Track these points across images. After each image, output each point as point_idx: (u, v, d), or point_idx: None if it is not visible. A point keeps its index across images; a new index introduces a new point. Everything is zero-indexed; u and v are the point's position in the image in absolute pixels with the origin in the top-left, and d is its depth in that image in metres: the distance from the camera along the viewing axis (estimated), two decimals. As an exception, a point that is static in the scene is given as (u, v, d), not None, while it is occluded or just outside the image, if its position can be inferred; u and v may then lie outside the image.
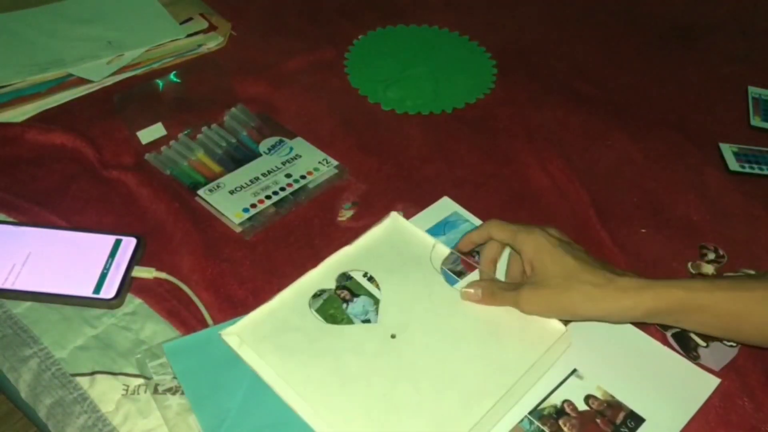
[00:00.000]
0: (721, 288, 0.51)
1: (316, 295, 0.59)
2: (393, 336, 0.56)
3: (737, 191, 0.76)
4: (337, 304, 0.59)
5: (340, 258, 0.62)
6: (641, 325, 0.60)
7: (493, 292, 0.57)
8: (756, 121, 0.86)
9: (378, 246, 0.63)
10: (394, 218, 0.66)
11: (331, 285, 0.60)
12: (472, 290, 0.58)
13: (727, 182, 0.77)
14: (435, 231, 0.67)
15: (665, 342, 0.60)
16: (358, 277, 0.61)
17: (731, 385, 0.57)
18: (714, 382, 0.57)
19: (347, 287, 0.60)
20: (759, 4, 1.09)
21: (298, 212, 0.70)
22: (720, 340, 0.59)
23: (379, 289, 0.60)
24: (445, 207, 0.70)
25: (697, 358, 0.58)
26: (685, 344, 0.59)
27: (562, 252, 0.55)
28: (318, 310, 0.58)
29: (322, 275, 0.61)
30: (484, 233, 0.60)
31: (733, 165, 0.78)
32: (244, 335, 0.56)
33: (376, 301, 0.59)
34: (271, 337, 0.56)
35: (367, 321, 0.58)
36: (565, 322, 0.57)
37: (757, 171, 0.78)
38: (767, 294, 0.51)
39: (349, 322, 0.58)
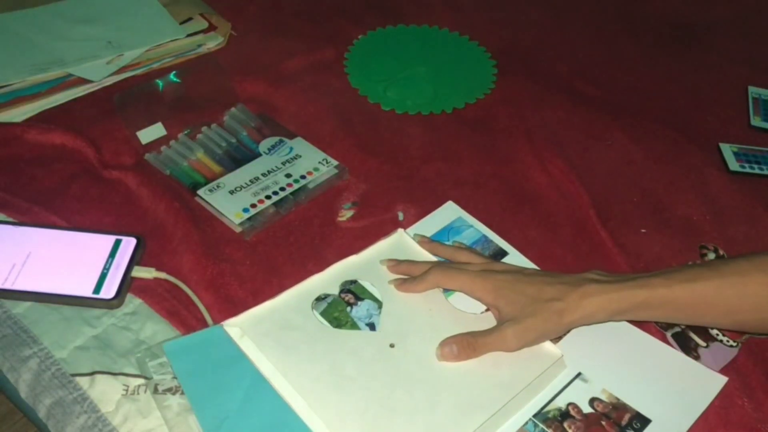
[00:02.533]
0: (680, 281, 0.53)
1: (319, 299, 0.60)
2: (392, 345, 0.57)
3: (737, 191, 0.76)
4: (342, 307, 0.59)
5: (344, 266, 0.62)
6: (643, 327, 0.60)
7: (472, 343, 0.55)
8: (756, 121, 0.86)
9: (382, 259, 0.63)
10: (400, 234, 0.66)
11: (335, 291, 0.60)
12: (447, 349, 0.55)
13: (727, 182, 0.77)
14: (439, 236, 0.67)
15: (665, 342, 0.60)
16: (361, 280, 0.61)
17: (731, 385, 0.57)
18: (721, 381, 0.56)
19: (352, 291, 0.61)
20: (759, 4, 1.09)
21: (298, 212, 0.70)
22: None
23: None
24: (449, 212, 0.70)
25: (697, 359, 0.58)
26: (685, 345, 0.59)
27: (517, 283, 0.56)
28: (322, 313, 0.58)
29: (326, 280, 0.61)
30: (430, 285, 0.60)
31: (733, 165, 0.78)
32: (246, 327, 0.56)
33: (380, 306, 0.60)
34: (272, 333, 0.56)
35: (371, 324, 0.58)
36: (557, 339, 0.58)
37: (757, 171, 0.78)
38: (722, 283, 0.53)
39: (354, 325, 0.58)
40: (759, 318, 0.54)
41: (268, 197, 0.69)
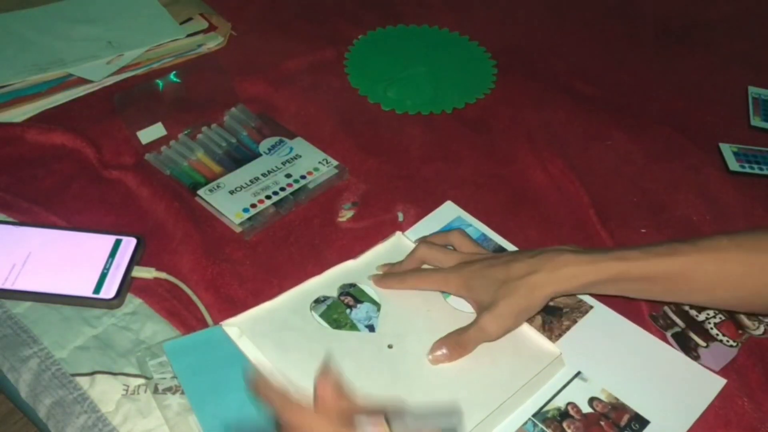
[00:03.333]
0: (657, 255, 0.53)
1: (318, 301, 0.60)
2: (390, 346, 0.57)
3: (737, 191, 0.76)
4: (341, 309, 0.59)
5: (343, 270, 0.62)
6: (643, 326, 0.60)
7: (458, 341, 0.55)
8: (756, 121, 0.86)
9: (381, 262, 0.63)
10: (398, 237, 0.66)
11: (333, 293, 0.60)
12: (438, 352, 0.55)
13: (727, 182, 0.77)
14: (439, 236, 0.67)
15: (665, 342, 0.60)
16: (361, 284, 0.61)
17: (731, 385, 0.57)
18: (720, 382, 0.56)
19: (351, 294, 0.61)
20: (759, 4, 1.09)
21: (298, 212, 0.70)
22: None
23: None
24: (448, 211, 0.70)
25: (697, 359, 0.58)
26: (685, 344, 0.59)
27: (487, 269, 0.56)
28: (322, 315, 0.59)
29: (324, 284, 0.61)
30: (406, 286, 0.60)
31: (733, 165, 0.78)
32: (245, 327, 0.56)
33: (380, 308, 0.60)
34: (271, 333, 0.56)
35: (370, 326, 0.58)
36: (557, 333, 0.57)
37: (757, 171, 0.78)
38: (700, 258, 0.52)
39: (353, 327, 0.58)
40: (736, 296, 0.53)
41: (268, 197, 0.69)
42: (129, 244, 0.63)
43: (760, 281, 0.52)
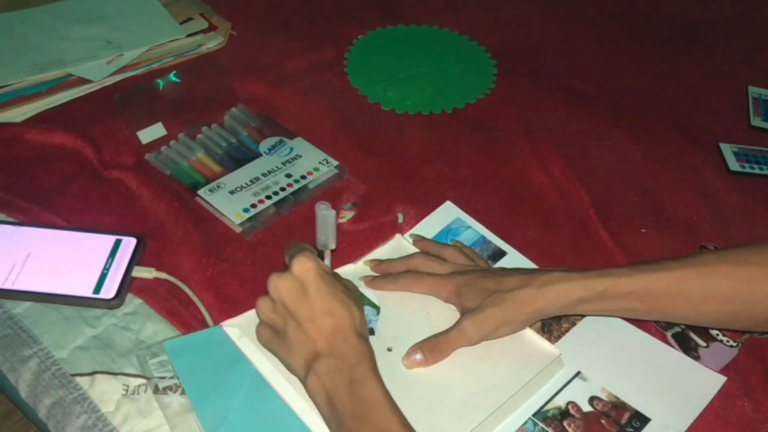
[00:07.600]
0: (642, 271, 0.53)
1: None
2: (389, 349, 0.57)
3: (737, 191, 0.76)
4: None
5: (342, 273, 0.62)
6: (643, 327, 0.60)
7: (435, 345, 0.55)
8: (756, 121, 0.86)
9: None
10: (398, 240, 0.66)
11: None
12: (414, 356, 0.55)
13: (727, 182, 0.77)
14: (439, 238, 0.67)
15: (665, 342, 0.60)
16: (361, 288, 0.61)
17: (731, 385, 0.57)
18: (720, 380, 0.57)
19: None
20: (759, 4, 1.09)
21: (298, 212, 0.70)
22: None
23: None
24: (447, 212, 0.70)
25: (697, 359, 0.58)
26: (685, 345, 0.59)
27: (479, 279, 0.57)
28: None
29: None
30: (398, 288, 0.61)
31: (733, 165, 0.78)
32: (245, 328, 0.56)
33: (379, 311, 0.60)
34: None
35: (370, 330, 0.58)
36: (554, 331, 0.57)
37: (757, 171, 0.78)
38: (686, 273, 0.52)
39: None
40: (724, 310, 0.53)
41: (268, 197, 0.69)
42: (129, 244, 0.63)
43: (748, 294, 0.52)
